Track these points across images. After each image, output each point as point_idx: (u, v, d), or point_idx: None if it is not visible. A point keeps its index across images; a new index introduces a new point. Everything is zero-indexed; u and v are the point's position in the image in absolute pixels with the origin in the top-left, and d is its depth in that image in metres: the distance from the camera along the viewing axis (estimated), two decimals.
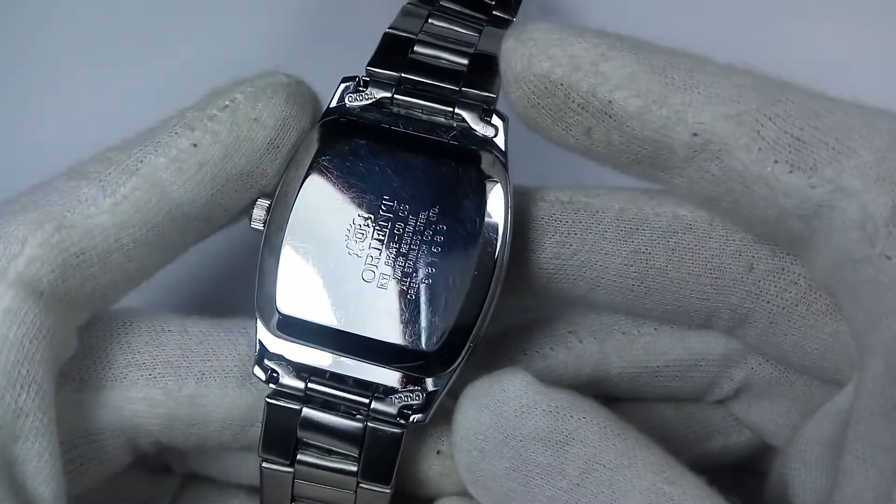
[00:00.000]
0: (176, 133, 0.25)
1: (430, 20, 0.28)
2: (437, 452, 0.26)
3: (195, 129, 0.25)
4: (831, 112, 0.22)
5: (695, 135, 0.23)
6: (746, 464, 0.31)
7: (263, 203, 0.26)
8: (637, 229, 0.26)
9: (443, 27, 0.28)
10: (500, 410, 0.23)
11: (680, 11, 0.36)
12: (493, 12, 0.29)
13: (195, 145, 0.25)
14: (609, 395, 0.28)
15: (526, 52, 0.24)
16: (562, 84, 0.23)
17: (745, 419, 0.29)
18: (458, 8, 0.29)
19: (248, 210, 0.26)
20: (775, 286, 0.25)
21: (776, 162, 0.22)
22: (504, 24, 0.28)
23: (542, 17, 0.24)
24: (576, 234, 0.26)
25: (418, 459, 0.26)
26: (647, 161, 0.24)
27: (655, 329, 0.28)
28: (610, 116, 0.23)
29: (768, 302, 0.26)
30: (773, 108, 0.22)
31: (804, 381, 0.28)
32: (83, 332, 0.25)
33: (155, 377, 0.26)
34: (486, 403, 0.23)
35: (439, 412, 0.25)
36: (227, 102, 0.25)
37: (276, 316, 0.25)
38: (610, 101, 0.23)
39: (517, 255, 0.26)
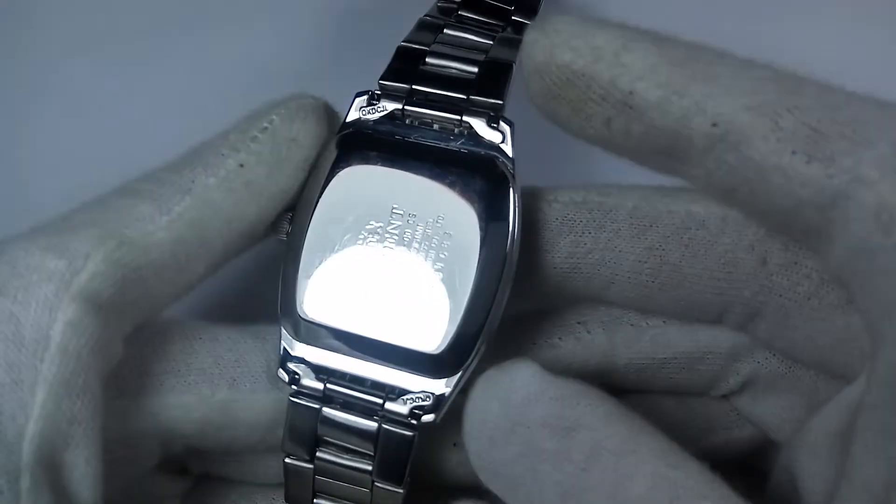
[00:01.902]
0: (223, 154, 0.26)
1: (444, 30, 0.29)
2: (454, 444, 0.27)
3: (240, 151, 0.26)
4: (849, 105, 0.23)
5: (714, 125, 0.23)
6: (746, 460, 0.31)
7: (287, 215, 0.27)
8: (650, 226, 0.26)
9: (455, 36, 0.28)
10: (508, 399, 0.24)
11: (679, 13, 0.37)
12: (513, 17, 0.29)
13: (241, 166, 0.26)
14: (615, 386, 0.29)
15: (548, 43, 0.24)
16: (583, 74, 0.24)
17: (748, 414, 0.30)
18: (475, 17, 0.29)
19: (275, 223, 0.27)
20: (788, 280, 0.26)
21: (794, 152, 0.23)
22: (522, 28, 0.29)
23: (563, 11, 0.24)
24: (590, 233, 0.27)
25: (435, 451, 0.27)
26: (665, 152, 0.24)
27: (664, 321, 0.28)
28: (630, 107, 0.24)
29: (781, 296, 0.26)
30: (792, 100, 0.23)
31: (810, 376, 0.28)
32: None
33: (189, 384, 0.26)
34: (494, 393, 0.24)
35: (455, 406, 0.25)
36: (265, 124, 0.26)
37: (298, 321, 0.26)
38: (631, 92, 0.23)
39: (532, 256, 0.27)
